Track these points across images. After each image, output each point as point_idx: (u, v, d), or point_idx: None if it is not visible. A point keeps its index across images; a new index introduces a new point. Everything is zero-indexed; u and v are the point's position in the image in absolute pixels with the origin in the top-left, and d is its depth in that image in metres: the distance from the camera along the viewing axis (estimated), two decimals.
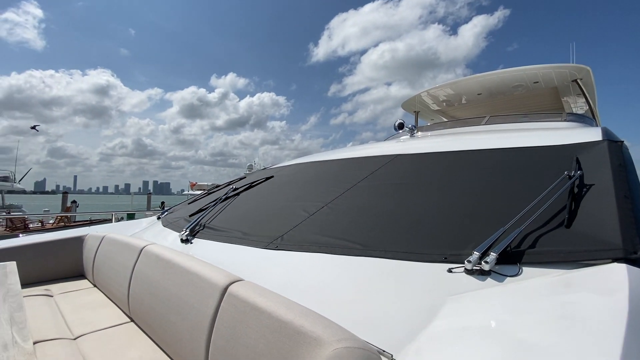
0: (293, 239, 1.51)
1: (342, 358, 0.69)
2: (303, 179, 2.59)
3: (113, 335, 1.63)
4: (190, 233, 2.02)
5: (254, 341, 0.94)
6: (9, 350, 0.91)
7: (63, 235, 2.88)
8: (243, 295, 1.06)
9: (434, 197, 1.55)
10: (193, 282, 1.32)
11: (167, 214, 3.13)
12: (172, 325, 1.34)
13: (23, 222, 12.50)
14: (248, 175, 3.72)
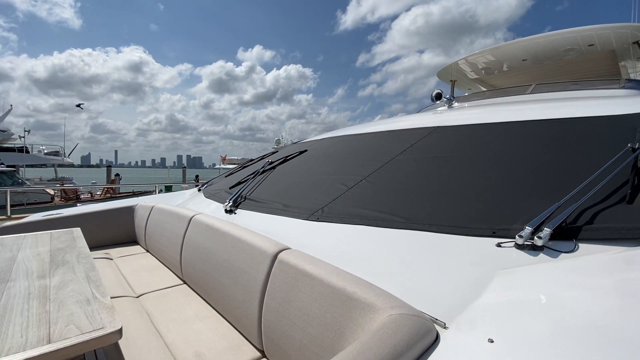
0: (333, 211, 1.54)
1: (398, 324, 0.72)
2: (338, 152, 2.60)
3: (169, 295, 1.80)
4: (234, 204, 2.12)
5: (306, 305, 1.00)
6: (92, 304, 1.04)
7: (115, 205, 3.13)
8: (293, 263, 1.13)
9: (480, 171, 1.51)
10: (243, 250, 1.42)
11: (207, 186, 3.28)
12: (225, 287, 1.46)
13: (75, 193, 13.65)
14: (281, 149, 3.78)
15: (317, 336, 0.94)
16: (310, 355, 0.97)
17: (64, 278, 1.26)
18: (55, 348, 0.79)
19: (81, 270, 1.36)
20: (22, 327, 0.88)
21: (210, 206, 2.43)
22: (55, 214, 2.86)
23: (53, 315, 0.95)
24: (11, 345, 0.80)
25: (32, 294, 1.11)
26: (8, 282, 1.22)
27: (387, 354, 0.63)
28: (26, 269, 1.37)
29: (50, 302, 1.04)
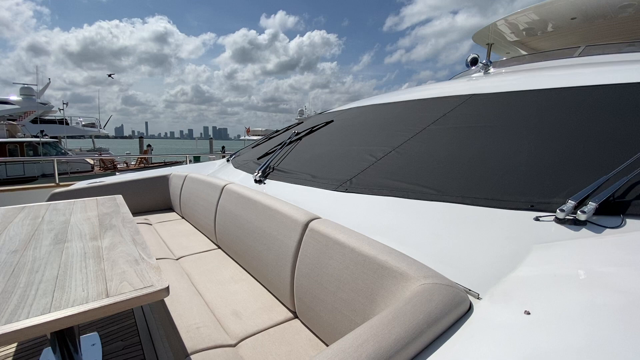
0: (362, 183, 1.54)
1: (431, 292, 0.74)
2: (365, 122, 2.54)
3: (206, 258, 1.92)
4: (263, 174, 2.17)
5: (338, 271, 1.04)
6: (140, 264, 1.13)
7: (151, 174, 3.29)
8: (324, 231, 1.16)
9: (519, 142, 1.43)
10: (275, 218, 1.47)
11: (235, 157, 3.36)
12: (258, 253, 1.53)
13: (112, 163, 14.46)
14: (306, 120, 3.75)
15: (349, 300, 0.98)
16: (341, 317, 1.02)
17: (113, 240, 1.37)
18: (113, 301, 0.88)
19: (127, 234, 1.47)
20: (82, 282, 0.98)
21: (239, 176, 2.51)
22: (98, 181, 3.07)
23: (108, 273, 1.05)
24: (75, 298, 0.90)
25: (88, 253, 1.22)
26: (65, 242, 1.35)
27: (422, 320, 0.65)
28: (79, 231, 1.50)
29: (104, 261, 1.14)
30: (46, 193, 3.53)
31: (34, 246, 1.30)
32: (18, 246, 1.29)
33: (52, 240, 1.37)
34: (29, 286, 0.95)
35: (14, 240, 1.37)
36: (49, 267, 1.09)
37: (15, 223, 1.64)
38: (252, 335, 1.20)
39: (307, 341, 1.16)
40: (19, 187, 3.46)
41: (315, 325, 1.17)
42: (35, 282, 0.98)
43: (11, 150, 12.80)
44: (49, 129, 17.37)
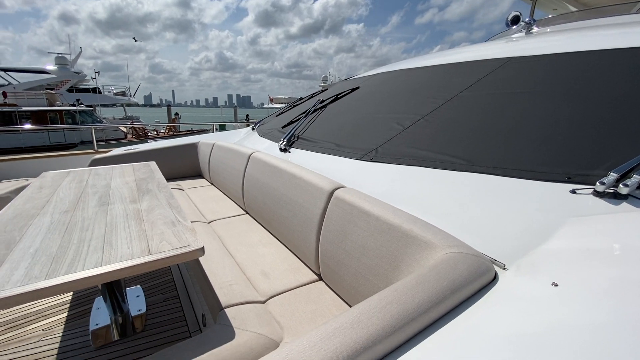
0: (388, 152, 1.52)
1: (456, 261, 0.75)
2: (393, 89, 2.45)
3: (235, 222, 2.02)
4: (287, 143, 2.18)
5: (362, 238, 1.06)
6: (176, 226, 1.21)
7: (181, 141, 3.41)
8: (349, 200, 1.17)
9: (559, 109, 1.34)
10: (300, 186, 1.50)
11: (260, 125, 3.39)
12: (284, 219, 1.59)
13: (143, 131, 15.03)
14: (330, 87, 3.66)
15: (372, 266, 1.02)
16: (364, 281, 1.06)
17: (151, 203, 1.47)
18: (155, 258, 0.96)
19: (163, 198, 1.56)
20: (127, 241, 1.07)
21: (265, 145, 2.54)
22: (132, 149, 3.22)
23: (148, 233, 1.14)
24: (122, 254, 0.99)
25: (129, 215, 1.32)
26: (109, 204, 1.46)
27: (446, 287, 0.66)
28: (120, 195, 1.61)
29: (144, 223, 1.23)
30: (86, 159, 3.77)
31: (81, 207, 1.42)
32: (68, 207, 1.42)
33: (97, 202, 1.48)
34: (82, 242, 1.06)
35: (64, 202, 1.49)
36: (96, 226, 1.20)
37: (63, 186, 1.78)
38: (280, 294, 1.28)
39: (330, 301, 1.22)
40: (62, 153, 3.71)
41: (338, 288, 1.22)
42: (87, 239, 1.09)
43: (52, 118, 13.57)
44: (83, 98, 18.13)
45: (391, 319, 0.59)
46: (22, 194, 1.63)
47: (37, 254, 0.97)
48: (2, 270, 0.88)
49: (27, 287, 0.81)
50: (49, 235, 1.11)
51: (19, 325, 1.71)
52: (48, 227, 1.18)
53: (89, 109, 15.51)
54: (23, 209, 1.39)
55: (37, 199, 1.53)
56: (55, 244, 1.05)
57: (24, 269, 0.89)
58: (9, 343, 1.59)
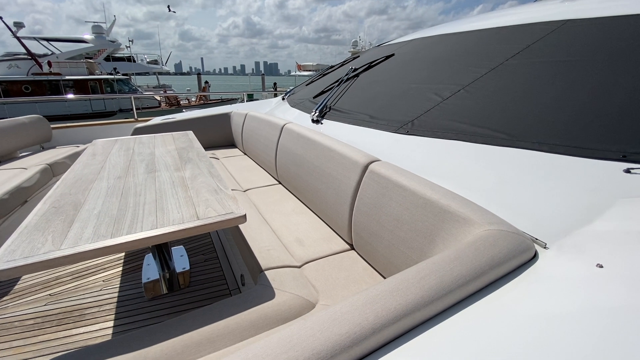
0: (425, 125, 1.48)
1: (495, 238, 0.75)
2: (430, 57, 2.32)
3: (269, 192, 2.10)
4: (320, 114, 2.18)
5: (397, 212, 1.08)
6: (219, 194, 1.29)
7: (214, 111, 3.49)
8: (384, 174, 1.18)
9: (619, 80, 1.22)
10: (334, 159, 1.52)
11: (290, 94, 3.37)
12: (317, 190, 1.63)
13: (176, 99, 15.44)
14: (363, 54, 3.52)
15: (406, 239, 1.04)
16: (397, 253, 1.09)
17: (194, 172, 1.56)
18: (203, 223, 1.05)
19: (204, 167, 1.65)
20: (176, 206, 1.16)
21: (296, 115, 2.55)
22: (170, 118, 3.35)
23: (194, 200, 1.22)
24: (174, 218, 1.08)
25: (175, 182, 1.42)
26: (156, 172, 1.56)
27: (485, 263, 0.68)
28: (164, 163, 1.71)
29: (190, 190, 1.32)
30: (128, 127, 3.98)
31: (132, 174, 1.53)
32: (120, 173, 1.54)
33: (144, 169, 1.59)
34: (137, 206, 1.16)
35: (116, 168, 1.62)
36: (148, 191, 1.30)
37: (113, 153, 1.92)
38: (314, 260, 1.35)
39: (362, 270, 1.28)
40: (106, 122, 3.94)
41: (371, 257, 1.27)
42: (141, 203, 1.19)
43: (92, 86, 14.22)
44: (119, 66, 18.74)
45: (429, 290, 0.62)
46: (79, 159, 1.78)
47: (101, 215, 1.09)
48: (74, 228, 1.00)
49: (97, 243, 0.91)
50: (108, 199, 1.22)
51: (83, 275, 1.95)
52: (106, 191, 1.30)
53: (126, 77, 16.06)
54: (82, 173, 1.53)
55: (92, 165, 1.66)
56: (114, 207, 1.16)
57: (92, 228, 1.00)
58: (77, 290, 1.82)
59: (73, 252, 0.87)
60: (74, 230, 0.99)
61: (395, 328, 0.57)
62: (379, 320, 0.56)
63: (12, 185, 2.19)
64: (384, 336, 0.55)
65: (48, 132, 3.45)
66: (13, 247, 0.90)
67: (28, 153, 3.21)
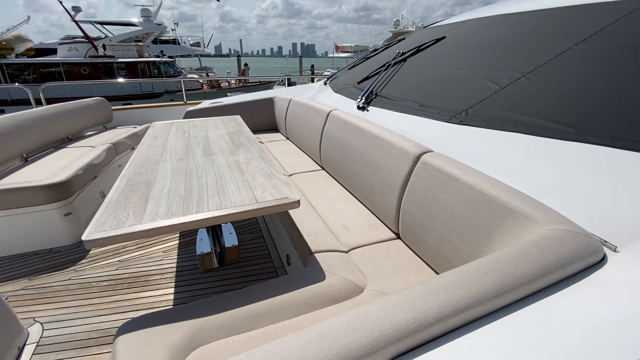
0: (480, 115, 1.43)
1: (561, 238, 0.73)
2: (487, 40, 2.18)
3: (313, 177, 2.16)
4: (366, 101, 2.16)
5: (450, 204, 1.08)
6: (272, 179, 1.36)
7: (258, 96, 3.58)
8: (438, 165, 1.17)
9: None
10: (382, 147, 1.52)
11: (333, 79, 3.36)
12: (363, 178, 1.66)
13: (217, 82, 15.92)
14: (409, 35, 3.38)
15: (460, 232, 1.04)
16: (448, 245, 1.10)
17: (247, 156, 1.64)
18: (262, 206, 1.12)
19: (255, 152, 1.73)
20: (236, 189, 1.25)
21: (340, 101, 2.54)
22: (218, 102, 3.50)
23: (251, 183, 1.30)
24: (235, 200, 1.16)
25: (231, 166, 1.51)
26: (212, 155, 1.67)
27: (550, 263, 0.67)
28: (219, 146, 1.82)
29: (246, 174, 1.40)
30: (177, 109, 4.22)
31: (191, 156, 1.65)
32: (181, 155, 1.66)
33: (202, 153, 1.71)
34: (201, 187, 1.26)
35: (176, 150, 1.75)
36: (208, 174, 1.40)
37: (171, 136, 2.06)
38: (360, 247, 1.39)
39: (409, 259, 1.30)
40: (159, 104, 4.20)
41: (418, 248, 1.28)
42: (204, 184, 1.29)
43: (141, 68, 15.04)
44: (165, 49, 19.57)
45: (492, 285, 0.63)
46: (143, 141, 1.94)
47: (171, 194, 1.20)
48: (150, 205, 1.12)
49: (172, 220, 1.02)
50: (174, 179, 1.34)
51: (146, 246, 2.16)
52: (171, 172, 1.42)
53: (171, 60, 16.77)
54: (148, 154, 1.67)
55: (155, 147, 1.81)
56: (181, 187, 1.26)
57: (165, 206, 1.11)
58: (141, 259, 2.03)
59: (153, 226, 0.98)
60: (150, 207, 1.10)
61: (458, 319, 0.59)
62: (443, 311, 0.59)
63: (85, 162, 2.44)
64: (446, 325, 0.58)
65: (110, 113, 3.75)
66: (102, 220, 1.03)
67: (93, 132, 3.53)
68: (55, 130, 2.89)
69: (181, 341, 0.89)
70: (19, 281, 1.87)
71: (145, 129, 3.72)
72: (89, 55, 14.84)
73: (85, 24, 17.61)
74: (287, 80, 5.62)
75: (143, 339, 0.88)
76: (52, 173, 2.24)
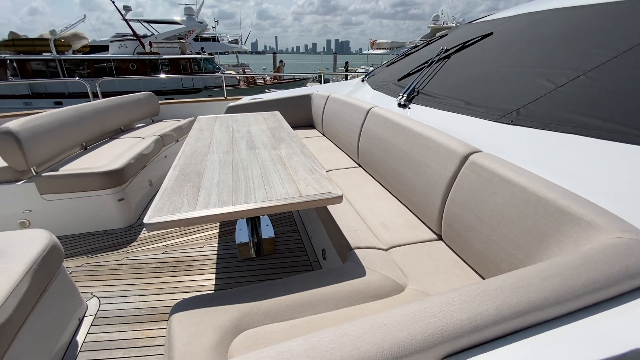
0: (534, 115, 1.36)
1: (630, 248, 0.69)
2: (540, 36, 2.06)
3: (350, 174, 2.17)
4: (407, 98, 2.13)
5: (501, 207, 1.04)
6: (314, 174, 1.38)
7: (296, 92, 3.63)
8: (489, 166, 1.14)
9: None
10: (426, 146, 1.49)
11: (371, 76, 3.33)
12: (404, 176, 1.64)
13: (253, 79, 16.32)
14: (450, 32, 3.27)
15: (511, 236, 1.00)
16: (497, 249, 1.06)
17: (288, 151, 1.68)
18: (306, 200, 1.15)
19: (296, 147, 1.76)
20: (280, 182, 1.29)
21: (379, 98, 2.52)
22: (256, 98, 3.60)
23: (294, 178, 1.33)
24: (280, 193, 1.19)
25: (274, 160, 1.55)
26: (255, 149, 1.72)
27: (617, 273, 0.63)
28: (262, 141, 1.88)
29: (288, 168, 1.44)
30: (218, 104, 4.39)
31: (236, 150, 1.72)
32: (226, 148, 1.74)
33: (246, 146, 1.77)
34: (248, 179, 1.31)
35: (222, 143, 1.83)
36: (253, 167, 1.46)
37: (216, 130, 2.15)
38: (400, 246, 1.38)
39: (452, 261, 1.27)
40: (201, 99, 4.40)
41: (462, 250, 1.25)
42: (250, 177, 1.34)
43: (183, 65, 15.78)
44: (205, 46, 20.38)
45: (553, 291, 0.61)
46: (191, 134, 2.04)
47: (220, 185, 1.26)
48: (202, 194, 1.18)
49: (223, 208, 1.07)
50: (222, 171, 1.40)
51: (188, 233, 2.28)
52: (219, 164, 1.49)
53: (210, 56, 17.43)
54: (196, 146, 1.76)
55: (202, 140, 1.90)
56: (229, 178, 1.33)
57: (216, 195, 1.17)
58: (185, 244, 2.15)
59: (207, 213, 1.04)
60: (202, 195, 1.17)
61: (516, 323, 0.58)
62: (500, 313, 0.58)
63: (136, 152, 2.62)
64: (503, 328, 0.57)
65: (157, 107, 3.99)
66: (160, 205, 1.10)
67: (142, 125, 3.77)
68: (110, 121, 3.12)
69: (229, 323, 0.94)
70: (78, 258, 2.05)
71: (189, 122, 3.92)
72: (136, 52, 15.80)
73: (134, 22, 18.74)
74: (321, 77, 5.63)
75: (195, 318, 0.94)
76: (108, 161, 2.43)
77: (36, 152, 2.18)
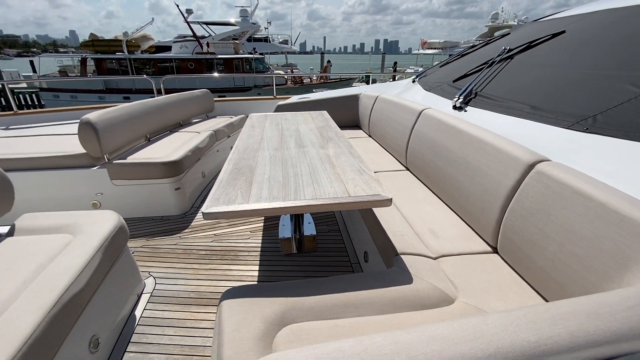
0: (614, 122, 1.21)
1: None
2: (621, 35, 1.83)
3: (397, 176, 2.11)
4: (463, 100, 2.02)
5: (573, 223, 0.95)
6: (362, 175, 1.36)
7: (344, 92, 3.62)
8: (559, 177, 1.04)
9: None
10: (485, 151, 1.40)
11: (422, 77, 3.21)
12: (457, 182, 1.55)
13: (300, 78, 16.65)
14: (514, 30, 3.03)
15: (584, 257, 0.90)
16: (564, 269, 0.96)
17: (336, 151, 1.68)
18: (354, 200, 1.13)
19: (344, 147, 1.76)
20: (328, 181, 1.29)
21: (431, 99, 2.42)
22: (305, 97, 3.66)
23: (342, 177, 1.33)
24: (328, 192, 1.20)
25: (322, 159, 1.56)
26: (304, 147, 1.75)
27: None
28: (310, 140, 1.90)
29: (336, 168, 1.44)
30: (267, 103, 4.54)
31: (285, 147, 1.75)
32: (276, 145, 1.78)
33: (294, 144, 1.80)
34: (297, 176, 1.33)
35: (272, 141, 1.88)
36: (302, 164, 1.48)
37: (266, 127, 2.22)
38: (450, 255, 1.31)
39: (509, 277, 1.18)
40: (251, 98, 4.58)
41: (521, 267, 1.16)
42: (299, 174, 1.36)
43: (236, 64, 16.56)
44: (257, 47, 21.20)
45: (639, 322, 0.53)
46: (243, 130, 2.13)
47: (271, 180, 1.29)
48: (254, 188, 1.22)
49: (274, 203, 1.10)
50: (273, 167, 1.44)
51: (236, 224, 2.39)
52: (269, 160, 1.53)
53: (261, 57, 18.09)
54: (248, 142, 1.83)
55: (253, 136, 1.97)
56: (279, 174, 1.36)
57: (267, 190, 1.20)
58: (232, 235, 2.25)
59: (259, 207, 1.08)
60: (254, 189, 1.21)
61: (593, 352, 0.52)
62: (575, 340, 0.52)
63: (192, 146, 2.80)
64: (578, 357, 0.52)
65: (212, 103, 4.23)
66: (216, 196, 1.16)
67: (198, 120, 4.02)
68: (171, 116, 3.38)
69: (275, 315, 0.96)
70: (138, 240, 2.25)
71: (240, 119, 4.10)
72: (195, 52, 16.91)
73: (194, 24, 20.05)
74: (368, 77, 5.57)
75: (243, 306, 0.98)
76: (168, 153, 2.63)
77: (109, 141, 2.42)
